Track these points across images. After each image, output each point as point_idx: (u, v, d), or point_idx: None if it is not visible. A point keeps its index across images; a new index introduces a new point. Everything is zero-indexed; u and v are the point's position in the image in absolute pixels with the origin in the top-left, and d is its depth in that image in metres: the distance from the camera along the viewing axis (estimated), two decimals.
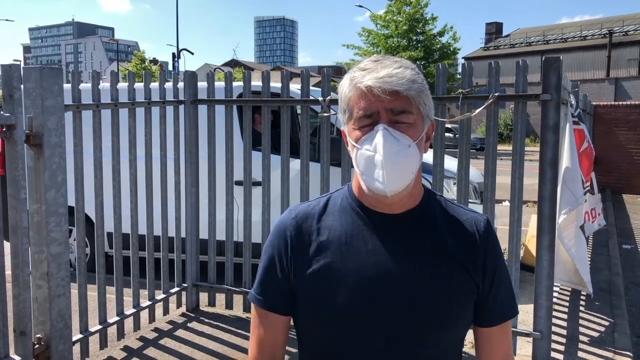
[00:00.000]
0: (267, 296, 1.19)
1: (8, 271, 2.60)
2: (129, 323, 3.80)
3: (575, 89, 4.77)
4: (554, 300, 4.31)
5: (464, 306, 1.14)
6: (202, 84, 4.26)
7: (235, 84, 4.28)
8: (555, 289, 4.49)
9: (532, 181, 3.76)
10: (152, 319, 4.01)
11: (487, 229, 1.19)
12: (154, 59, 39.16)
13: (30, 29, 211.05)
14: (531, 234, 5.35)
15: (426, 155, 1.16)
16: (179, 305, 4.30)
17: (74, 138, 3.21)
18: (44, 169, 2.66)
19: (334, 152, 3.90)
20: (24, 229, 2.56)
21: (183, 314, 4.25)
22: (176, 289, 4.25)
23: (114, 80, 3.53)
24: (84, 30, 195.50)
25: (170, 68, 61.76)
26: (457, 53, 25.05)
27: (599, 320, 4.30)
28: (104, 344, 3.54)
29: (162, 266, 4.07)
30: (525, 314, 3.96)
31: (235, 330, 3.95)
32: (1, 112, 2.45)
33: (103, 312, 3.52)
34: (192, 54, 36.61)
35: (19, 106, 2.51)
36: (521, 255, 4.61)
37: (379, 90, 1.05)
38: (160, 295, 4.09)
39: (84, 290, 3.32)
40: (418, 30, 24.05)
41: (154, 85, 3.92)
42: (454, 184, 4.50)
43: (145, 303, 3.92)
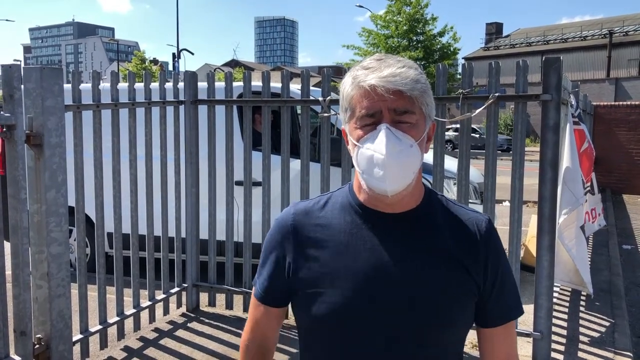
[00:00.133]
0: (263, 288, 1.23)
1: (8, 271, 2.61)
2: (129, 323, 3.81)
3: (575, 89, 4.77)
4: (554, 300, 4.31)
5: (464, 306, 1.13)
6: (203, 84, 4.26)
7: (235, 84, 4.27)
8: (555, 289, 4.49)
9: (533, 181, 3.76)
10: (152, 319, 4.01)
11: (489, 228, 1.18)
12: (154, 59, 39.21)
13: (31, 29, 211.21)
14: (531, 234, 5.34)
15: (426, 155, 1.16)
16: (179, 305, 4.30)
17: (74, 138, 3.22)
18: (44, 169, 2.65)
19: (334, 153, 3.90)
20: (24, 229, 2.56)
21: (183, 314, 4.25)
22: (176, 289, 4.25)
23: (114, 80, 3.53)
24: (84, 30, 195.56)
25: (170, 68, 61.77)
26: (457, 53, 25.00)
27: (599, 321, 4.30)
28: (104, 344, 3.54)
29: (162, 266, 4.07)
30: (525, 314, 3.89)
31: (236, 330, 3.94)
32: (1, 112, 2.45)
33: (103, 312, 3.52)
34: (193, 54, 36.64)
35: (19, 106, 2.51)
36: (521, 255, 4.60)
37: (382, 89, 1.04)
38: (160, 295, 4.09)
39: (84, 291, 3.32)
40: (418, 30, 24.02)
41: (154, 85, 3.92)
42: (454, 184, 4.50)
43: (145, 303, 3.92)
